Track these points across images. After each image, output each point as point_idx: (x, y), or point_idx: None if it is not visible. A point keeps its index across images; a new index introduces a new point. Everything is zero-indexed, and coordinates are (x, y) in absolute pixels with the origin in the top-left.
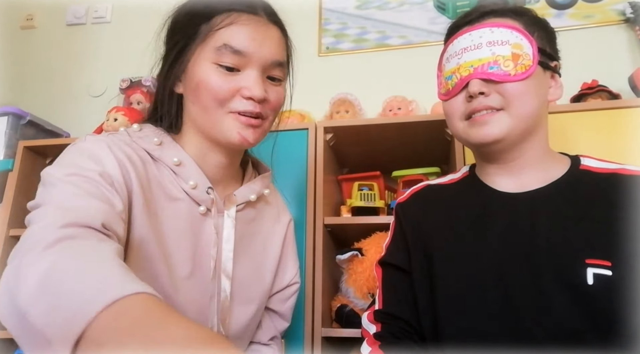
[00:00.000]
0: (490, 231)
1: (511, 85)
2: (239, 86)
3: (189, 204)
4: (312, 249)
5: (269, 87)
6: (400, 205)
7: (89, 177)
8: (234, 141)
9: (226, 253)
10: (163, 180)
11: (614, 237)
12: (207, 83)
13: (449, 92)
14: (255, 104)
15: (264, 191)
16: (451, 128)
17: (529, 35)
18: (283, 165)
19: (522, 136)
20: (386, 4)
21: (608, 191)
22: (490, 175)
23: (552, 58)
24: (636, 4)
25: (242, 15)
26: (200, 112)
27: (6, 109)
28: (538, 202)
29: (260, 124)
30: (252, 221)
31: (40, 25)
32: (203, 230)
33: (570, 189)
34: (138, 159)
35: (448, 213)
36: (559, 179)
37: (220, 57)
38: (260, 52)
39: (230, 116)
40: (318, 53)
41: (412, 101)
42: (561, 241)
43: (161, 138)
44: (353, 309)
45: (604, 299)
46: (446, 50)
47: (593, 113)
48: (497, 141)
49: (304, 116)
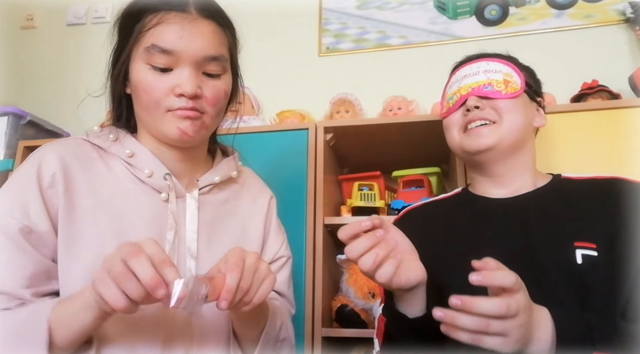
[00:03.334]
0: (486, 231)
1: (502, 101)
2: (172, 85)
3: (149, 193)
4: (312, 249)
5: (204, 82)
6: (395, 223)
7: (8, 233)
8: (174, 137)
9: (190, 234)
10: (117, 174)
11: (597, 225)
12: (142, 84)
13: (449, 110)
14: (188, 101)
15: (231, 172)
16: (448, 140)
17: (518, 70)
18: (283, 165)
19: (511, 148)
20: (386, 4)
21: (588, 191)
22: (483, 186)
23: (538, 95)
24: (636, 4)
25: (169, 14)
26: (143, 112)
27: (6, 109)
28: (528, 201)
29: (197, 117)
30: (225, 202)
31: (40, 25)
32: (166, 216)
33: (556, 191)
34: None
35: (443, 223)
36: (545, 185)
37: (150, 58)
38: (190, 49)
39: (168, 114)
40: (318, 53)
41: (412, 101)
42: (552, 229)
43: (117, 135)
44: (353, 309)
45: (592, 277)
46: (450, 80)
47: (593, 113)
48: (490, 148)
49: (304, 116)
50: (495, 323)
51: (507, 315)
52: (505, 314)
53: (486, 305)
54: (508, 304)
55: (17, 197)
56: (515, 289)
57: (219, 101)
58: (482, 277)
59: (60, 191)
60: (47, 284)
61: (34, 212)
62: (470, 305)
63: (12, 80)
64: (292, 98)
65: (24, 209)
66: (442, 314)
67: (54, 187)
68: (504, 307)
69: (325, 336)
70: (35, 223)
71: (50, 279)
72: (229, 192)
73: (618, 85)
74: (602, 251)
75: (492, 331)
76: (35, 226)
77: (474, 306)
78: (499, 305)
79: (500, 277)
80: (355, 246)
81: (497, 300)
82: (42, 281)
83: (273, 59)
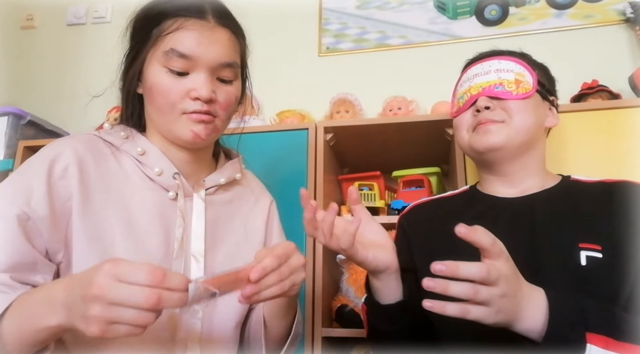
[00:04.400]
0: (493, 230)
1: (513, 102)
2: (188, 88)
3: (157, 191)
4: (312, 249)
5: (218, 87)
6: (403, 217)
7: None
8: (187, 139)
9: (195, 233)
10: (127, 171)
11: (603, 227)
12: (159, 86)
13: (459, 109)
14: (203, 104)
15: (235, 174)
16: (457, 139)
17: (530, 69)
18: (283, 165)
19: (520, 148)
20: (386, 4)
21: (596, 193)
22: (492, 185)
23: (551, 94)
24: (636, 4)
25: (189, 20)
26: (156, 113)
27: (6, 109)
28: (536, 202)
29: (211, 120)
30: (229, 203)
31: (40, 25)
32: (174, 215)
33: (564, 192)
34: (92, 157)
35: (451, 221)
36: (554, 186)
37: (168, 61)
38: (207, 55)
39: (183, 117)
40: (318, 53)
41: (412, 101)
42: (557, 230)
43: (128, 133)
44: (353, 309)
45: (596, 278)
46: (460, 78)
47: (593, 113)
48: (498, 148)
49: (304, 116)
50: (483, 290)
51: (488, 279)
52: (485, 278)
53: (468, 268)
54: (488, 268)
55: (23, 184)
56: (494, 254)
57: (231, 105)
58: (465, 230)
59: (74, 183)
60: (29, 275)
61: (35, 200)
62: (454, 269)
63: (12, 80)
64: (292, 98)
65: (26, 196)
66: (433, 283)
67: (65, 179)
68: (484, 270)
69: (325, 336)
70: (35, 210)
71: (34, 272)
72: (233, 194)
73: (618, 85)
74: (607, 252)
75: (479, 299)
76: (33, 213)
77: (458, 269)
78: (479, 268)
79: (480, 235)
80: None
81: (477, 263)
82: (25, 272)
83: (273, 59)
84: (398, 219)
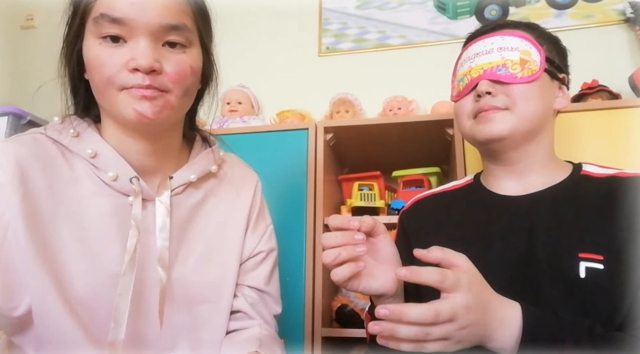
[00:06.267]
0: (494, 234)
1: (517, 86)
2: (125, 59)
3: (115, 196)
4: (312, 249)
5: (164, 56)
6: (404, 213)
7: None
8: (131, 119)
9: (161, 242)
10: (80, 175)
11: (607, 233)
12: (93, 61)
13: (459, 93)
14: (143, 76)
15: (210, 167)
16: (459, 127)
17: (538, 45)
18: (283, 165)
19: (526, 136)
20: (386, 4)
21: (605, 193)
22: (496, 178)
23: (561, 70)
24: (636, 4)
25: None
26: (97, 94)
27: (6, 109)
28: (538, 203)
29: (157, 96)
30: (201, 202)
31: (40, 25)
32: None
33: (570, 192)
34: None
35: (452, 220)
36: (560, 182)
37: (100, 30)
38: (144, 17)
39: (122, 93)
40: (318, 53)
41: (412, 101)
42: (557, 237)
43: (78, 129)
44: (353, 309)
45: (594, 292)
46: (461, 56)
47: (593, 113)
48: (501, 138)
49: (304, 116)
50: (435, 329)
51: (437, 322)
52: (434, 322)
53: (413, 312)
54: (437, 311)
55: None
56: (448, 288)
57: (184, 77)
58: (409, 273)
59: (14, 199)
60: None
61: None
62: (399, 314)
63: (12, 80)
64: (292, 98)
65: None
66: (379, 328)
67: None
68: (432, 314)
69: (325, 336)
70: None
71: None
72: (206, 191)
73: (618, 85)
74: (609, 262)
75: (432, 338)
76: None
77: (403, 314)
78: (427, 312)
79: (426, 275)
80: (328, 237)
81: (425, 307)
82: None
83: (273, 59)
84: (399, 215)
